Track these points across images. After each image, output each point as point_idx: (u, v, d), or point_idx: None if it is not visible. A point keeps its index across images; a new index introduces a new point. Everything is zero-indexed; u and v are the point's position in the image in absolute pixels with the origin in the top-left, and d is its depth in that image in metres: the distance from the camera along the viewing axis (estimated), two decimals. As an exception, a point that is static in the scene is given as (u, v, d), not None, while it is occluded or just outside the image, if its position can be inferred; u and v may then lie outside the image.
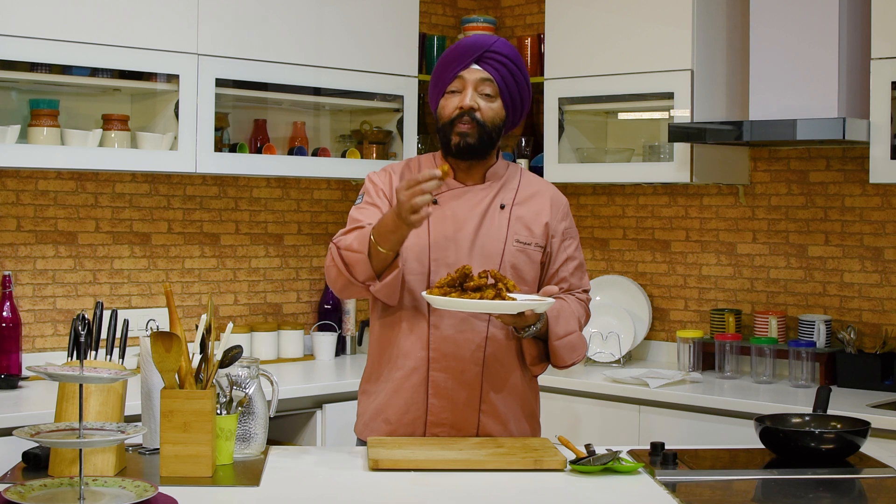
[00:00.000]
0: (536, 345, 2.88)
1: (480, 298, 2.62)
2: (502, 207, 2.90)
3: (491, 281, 2.67)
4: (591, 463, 2.54)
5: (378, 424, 2.89)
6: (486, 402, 2.87)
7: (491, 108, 2.85)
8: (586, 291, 3.02)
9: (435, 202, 2.87)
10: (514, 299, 2.66)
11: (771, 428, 2.71)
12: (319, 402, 4.05)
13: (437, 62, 2.93)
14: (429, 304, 2.82)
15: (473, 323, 2.85)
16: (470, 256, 2.84)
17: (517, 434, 2.93)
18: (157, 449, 2.67)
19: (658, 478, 2.52)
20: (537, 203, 2.94)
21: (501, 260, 2.85)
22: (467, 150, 2.84)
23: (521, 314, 2.68)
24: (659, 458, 2.64)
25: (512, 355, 2.90)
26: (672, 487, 2.44)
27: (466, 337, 2.84)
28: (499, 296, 2.63)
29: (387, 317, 2.91)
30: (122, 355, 2.77)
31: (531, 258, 2.90)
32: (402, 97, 4.62)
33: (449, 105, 2.86)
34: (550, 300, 2.70)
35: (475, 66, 2.85)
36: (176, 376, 2.50)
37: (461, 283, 2.66)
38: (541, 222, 2.92)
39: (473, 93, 2.84)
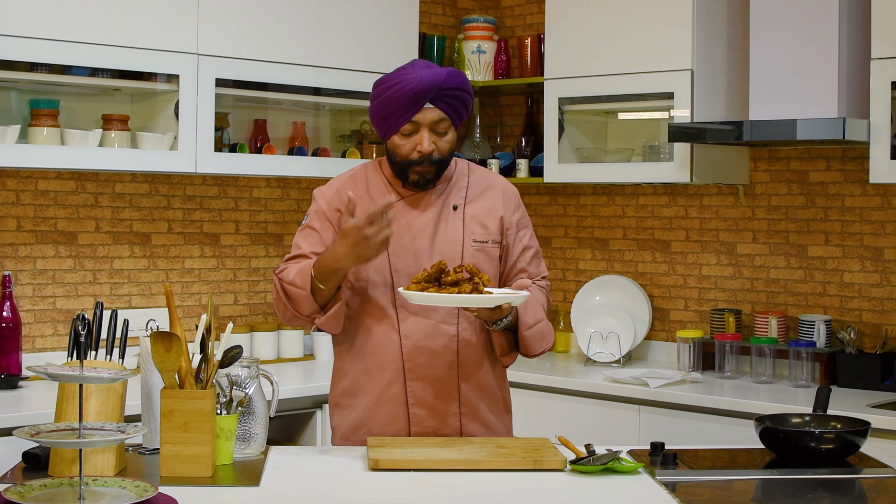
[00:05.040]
0: (506, 336, 2.91)
1: (458, 293, 2.64)
2: (455, 208, 2.91)
3: (467, 275, 2.69)
4: (591, 463, 2.54)
5: (360, 437, 2.90)
6: (465, 405, 2.90)
7: (447, 142, 2.86)
8: (545, 278, 3.05)
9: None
10: (490, 293, 2.68)
11: (771, 428, 2.71)
12: (319, 402, 4.04)
13: (383, 97, 2.82)
14: (398, 316, 2.84)
15: (443, 328, 2.87)
16: (430, 263, 2.85)
17: (497, 428, 2.95)
18: (157, 449, 2.67)
19: (658, 478, 2.52)
20: (489, 198, 2.96)
21: (461, 262, 2.87)
22: (425, 185, 2.88)
23: (498, 308, 2.72)
24: (659, 458, 2.64)
25: (481, 352, 2.93)
26: (672, 487, 2.44)
27: (438, 342, 2.86)
28: (476, 290, 2.66)
29: (356, 331, 2.91)
30: (122, 355, 2.77)
31: (490, 255, 2.92)
32: (402, 97, 4.61)
33: (404, 146, 2.84)
34: (525, 293, 2.73)
35: (428, 106, 2.81)
36: (176, 376, 2.50)
37: (437, 279, 2.69)
38: (495, 217, 2.94)
39: (429, 134, 2.82)
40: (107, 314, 3.33)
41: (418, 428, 2.87)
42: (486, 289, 2.69)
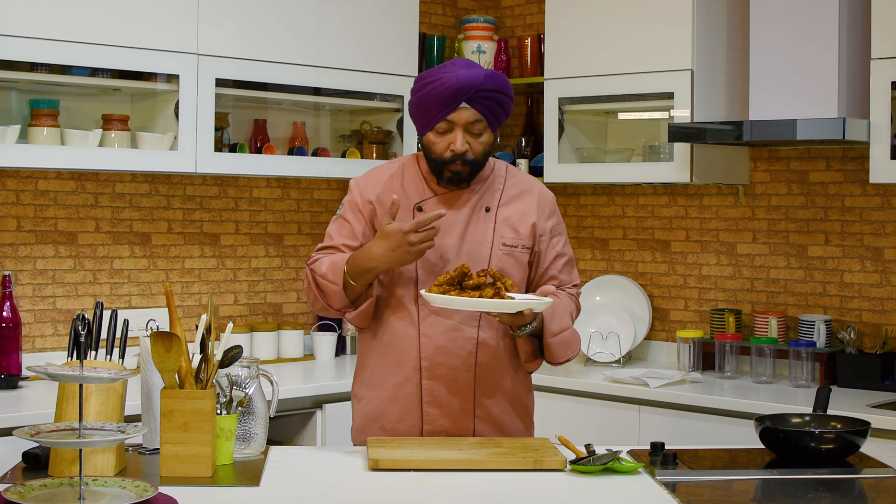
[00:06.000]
0: (531, 342, 2.89)
1: (480, 297, 2.62)
2: (487, 210, 2.90)
3: (490, 280, 2.68)
4: (591, 463, 2.54)
5: (374, 431, 2.90)
6: (479, 407, 2.88)
7: (482, 143, 2.84)
8: (576, 286, 3.04)
9: (419, 209, 2.88)
10: (512, 298, 2.66)
11: (771, 428, 2.71)
12: (319, 402, 4.05)
13: (423, 91, 2.83)
14: (418, 314, 2.83)
15: (464, 330, 2.85)
16: (456, 262, 2.84)
17: (512, 433, 2.93)
18: (157, 449, 2.67)
19: (658, 478, 2.52)
20: (524, 203, 2.94)
21: (488, 264, 2.86)
22: (459, 183, 2.87)
23: (520, 314, 2.69)
24: (659, 458, 2.64)
25: (502, 358, 2.90)
26: (672, 487, 2.44)
27: (458, 344, 2.85)
28: (497, 294, 2.63)
29: (377, 326, 2.92)
30: (122, 355, 2.77)
31: (518, 260, 2.90)
32: (402, 97, 4.62)
33: (439, 144, 2.83)
34: (548, 299, 2.70)
35: (464, 106, 2.80)
36: (176, 376, 2.50)
37: (460, 282, 2.67)
38: (527, 223, 2.92)
39: (464, 134, 2.82)
40: (107, 314, 3.33)
41: (431, 426, 2.86)
42: (508, 294, 2.67)
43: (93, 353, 2.65)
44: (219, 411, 2.58)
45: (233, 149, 4.32)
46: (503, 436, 2.91)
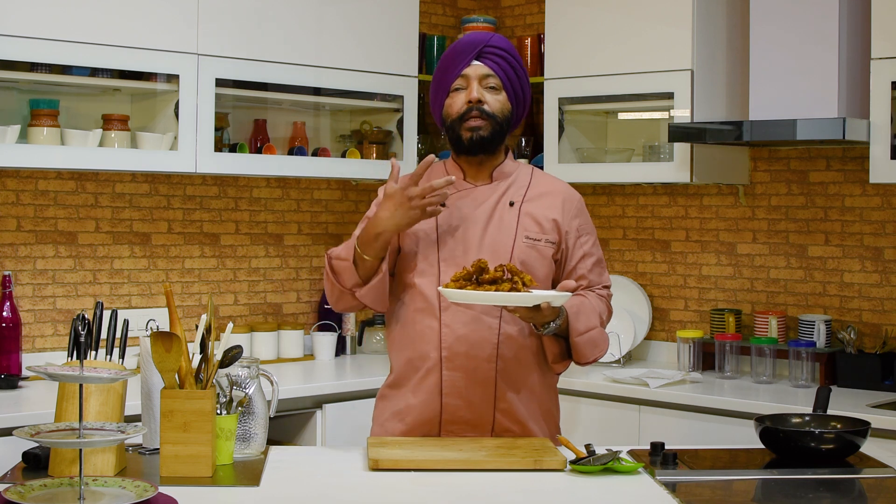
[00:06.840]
0: (558, 342, 2.87)
1: (496, 291, 2.61)
2: (511, 204, 2.90)
3: (507, 275, 2.66)
4: (591, 463, 2.54)
5: (393, 424, 2.89)
6: (501, 401, 2.86)
7: (497, 101, 2.88)
8: (607, 287, 3.01)
9: (443, 205, 2.87)
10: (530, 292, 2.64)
11: (771, 428, 2.71)
12: (319, 402, 4.05)
13: (438, 66, 2.94)
14: (440, 304, 2.82)
15: (485, 320, 2.83)
16: (479, 254, 2.83)
17: (534, 432, 2.91)
18: (157, 449, 2.68)
19: (658, 478, 2.52)
20: (548, 200, 2.93)
21: (511, 256, 2.84)
22: (480, 143, 2.86)
23: (537, 308, 2.66)
24: (659, 458, 2.64)
25: (528, 354, 2.88)
26: (672, 487, 2.44)
27: (479, 335, 2.83)
28: (514, 290, 2.61)
29: (401, 321, 2.91)
30: (122, 355, 2.77)
31: (542, 254, 2.88)
32: (402, 97, 4.62)
33: (456, 102, 2.87)
34: (567, 294, 2.67)
35: (476, 62, 2.87)
36: (176, 376, 2.50)
37: (477, 277, 2.65)
38: (550, 218, 2.91)
39: (479, 86, 2.86)
40: (107, 314, 3.33)
41: (450, 417, 2.85)
42: (526, 289, 2.64)
43: (93, 353, 2.65)
44: (219, 411, 2.58)
45: (233, 149, 4.32)
46: (524, 434, 2.89)
